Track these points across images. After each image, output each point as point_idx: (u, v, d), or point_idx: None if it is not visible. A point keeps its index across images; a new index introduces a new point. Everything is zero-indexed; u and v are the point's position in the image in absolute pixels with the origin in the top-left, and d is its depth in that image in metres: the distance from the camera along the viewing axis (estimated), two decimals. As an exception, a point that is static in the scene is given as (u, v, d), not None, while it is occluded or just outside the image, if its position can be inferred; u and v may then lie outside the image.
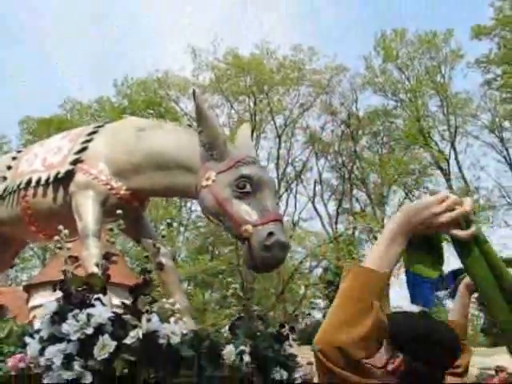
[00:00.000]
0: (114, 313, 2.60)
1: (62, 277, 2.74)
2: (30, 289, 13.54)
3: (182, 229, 30.33)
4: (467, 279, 1.81)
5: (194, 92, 3.59)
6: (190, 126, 3.84)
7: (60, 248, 2.91)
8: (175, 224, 28.26)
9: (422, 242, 1.41)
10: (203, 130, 3.43)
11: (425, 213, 1.35)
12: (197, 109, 3.47)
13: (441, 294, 1.98)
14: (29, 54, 49.82)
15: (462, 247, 1.39)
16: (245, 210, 3.21)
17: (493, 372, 10.75)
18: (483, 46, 35.83)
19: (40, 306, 4.49)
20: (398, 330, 1.51)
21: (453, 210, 1.37)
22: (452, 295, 2.14)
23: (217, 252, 30.06)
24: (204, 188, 3.38)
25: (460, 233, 1.36)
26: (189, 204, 30.60)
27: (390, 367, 1.55)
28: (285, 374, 3.59)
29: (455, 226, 1.37)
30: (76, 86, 49.57)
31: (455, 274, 1.89)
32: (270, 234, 3.09)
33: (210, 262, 26.83)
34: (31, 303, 12.45)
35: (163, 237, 3.05)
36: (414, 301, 1.47)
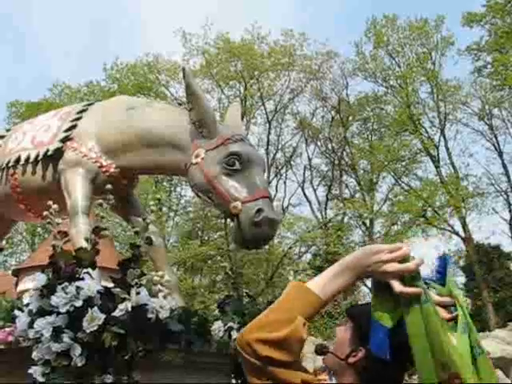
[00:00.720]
0: (102, 286, 2.61)
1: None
2: (19, 273, 13.48)
3: (171, 214, 30.31)
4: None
5: (183, 70, 3.58)
6: (180, 104, 3.83)
7: (50, 223, 2.91)
8: (165, 209, 28.22)
9: (387, 286, 1.43)
10: (193, 107, 3.43)
11: (373, 257, 1.41)
12: (187, 86, 3.47)
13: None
14: (17, 37, 49.27)
15: (405, 301, 1.41)
16: (234, 187, 3.23)
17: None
18: (474, 33, 35.87)
19: (29, 290, 4.50)
20: (365, 324, 1.51)
21: (402, 261, 1.41)
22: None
23: (206, 237, 30.05)
24: (193, 165, 3.39)
25: (402, 288, 1.39)
26: (178, 189, 30.60)
27: (350, 360, 1.57)
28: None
29: (399, 277, 1.40)
30: (65, 70, 48.97)
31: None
32: (259, 210, 3.11)
33: (200, 247, 26.81)
34: (20, 287, 12.40)
35: (152, 212, 3.06)
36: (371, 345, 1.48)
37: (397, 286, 1.40)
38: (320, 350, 1.75)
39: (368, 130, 30.70)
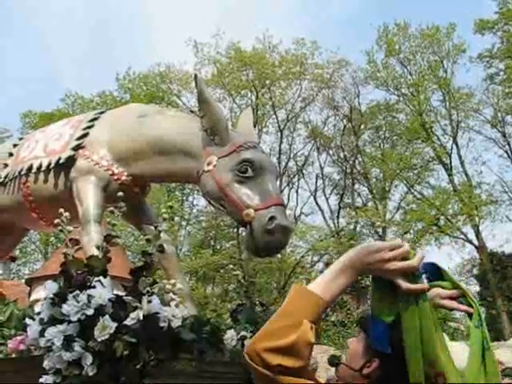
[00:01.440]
0: (114, 294, 2.59)
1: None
2: (32, 282, 13.56)
3: (183, 223, 30.36)
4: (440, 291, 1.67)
5: (195, 77, 3.58)
6: (192, 111, 3.82)
7: (61, 231, 2.90)
8: (177, 218, 28.27)
9: (386, 281, 1.45)
10: (205, 114, 3.42)
11: (375, 256, 1.42)
12: (198, 93, 3.45)
13: None
14: (30, 49, 49.73)
15: (402, 297, 1.43)
16: (246, 195, 3.20)
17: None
18: (486, 40, 35.71)
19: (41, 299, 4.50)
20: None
21: (403, 259, 1.42)
22: None
23: (218, 246, 30.07)
24: (205, 173, 3.37)
25: (409, 286, 1.41)
26: (190, 198, 30.67)
27: (365, 371, 1.58)
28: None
29: (401, 275, 1.42)
30: (77, 80, 49.38)
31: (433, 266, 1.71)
32: (272, 218, 3.07)
33: (212, 257, 26.82)
34: (33, 297, 12.46)
35: (165, 220, 3.04)
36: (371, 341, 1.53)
37: (403, 284, 1.41)
38: (333, 362, 1.75)
39: (380, 139, 30.65)
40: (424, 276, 1.57)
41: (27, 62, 50.23)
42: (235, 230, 25.96)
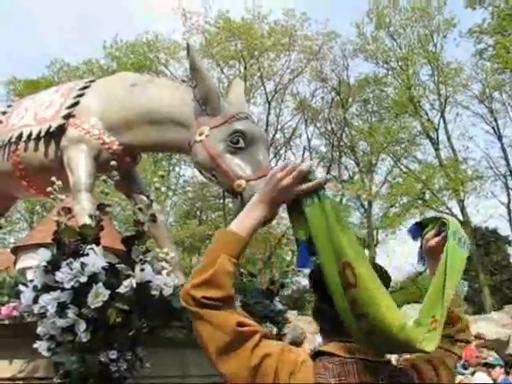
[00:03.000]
0: (107, 262, 2.61)
1: (50, 239, 2.74)
2: (18, 251, 13.49)
3: (170, 193, 30.31)
4: (427, 236, 1.80)
5: (188, 46, 3.56)
6: (183, 81, 3.81)
7: (54, 199, 2.90)
8: (163, 188, 28.18)
9: (297, 205, 1.56)
10: (197, 84, 3.41)
11: (272, 181, 1.56)
12: (190, 63, 3.44)
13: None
14: (15, 14, 48.75)
15: (306, 203, 1.53)
16: (238, 165, 3.22)
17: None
18: (477, 15, 35.62)
19: (28, 268, 4.50)
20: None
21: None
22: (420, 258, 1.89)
23: (204, 217, 30.12)
24: (197, 143, 3.38)
25: (306, 185, 1.53)
26: (177, 168, 30.58)
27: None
28: (274, 329, 3.65)
29: (300, 184, 1.53)
30: (64, 47, 48.55)
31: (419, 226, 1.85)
32: (263, 189, 3.10)
33: (198, 227, 26.87)
34: (19, 265, 12.41)
35: (157, 189, 3.06)
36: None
37: (303, 186, 1.53)
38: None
39: (368, 112, 30.61)
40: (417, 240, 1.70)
41: (13, 26, 49.18)
42: (221, 200, 26.01)
